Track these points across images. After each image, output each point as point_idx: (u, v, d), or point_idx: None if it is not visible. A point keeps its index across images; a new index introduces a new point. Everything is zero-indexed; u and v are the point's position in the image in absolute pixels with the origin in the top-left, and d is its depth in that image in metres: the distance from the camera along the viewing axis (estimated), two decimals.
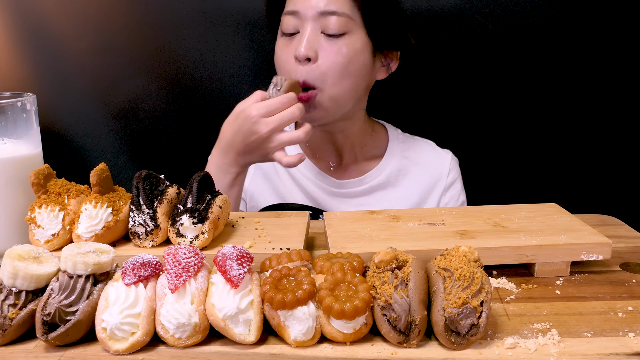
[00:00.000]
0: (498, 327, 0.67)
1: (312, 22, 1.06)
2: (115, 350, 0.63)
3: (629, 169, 1.39)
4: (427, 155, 1.25)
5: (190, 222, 0.78)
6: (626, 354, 0.61)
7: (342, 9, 1.05)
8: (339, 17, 1.05)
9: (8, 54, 1.37)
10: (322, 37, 1.06)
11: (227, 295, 0.63)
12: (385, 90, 1.28)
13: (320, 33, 1.06)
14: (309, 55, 1.05)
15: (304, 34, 1.06)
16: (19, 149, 0.87)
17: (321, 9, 1.05)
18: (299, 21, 1.07)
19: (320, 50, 1.06)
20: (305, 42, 1.05)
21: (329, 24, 1.05)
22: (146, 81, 1.39)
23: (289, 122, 0.98)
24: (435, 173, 1.23)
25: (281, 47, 1.11)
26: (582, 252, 0.80)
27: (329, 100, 1.08)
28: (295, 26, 1.08)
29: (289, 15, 1.08)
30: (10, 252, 0.67)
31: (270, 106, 0.98)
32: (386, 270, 0.66)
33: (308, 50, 1.04)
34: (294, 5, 1.07)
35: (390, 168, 1.22)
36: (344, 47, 1.06)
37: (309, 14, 1.06)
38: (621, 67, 1.33)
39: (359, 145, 1.23)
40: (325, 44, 1.06)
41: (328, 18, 1.05)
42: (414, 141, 1.27)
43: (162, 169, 0.96)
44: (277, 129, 0.98)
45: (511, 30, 1.32)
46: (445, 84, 1.37)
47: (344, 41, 1.06)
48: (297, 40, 1.07)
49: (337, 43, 1.06)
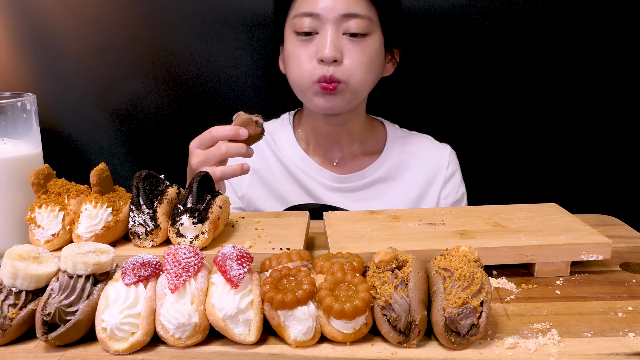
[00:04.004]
0: (498, 327, 0.67)
1: (333, 24, 1.06)
2: (115, 350, 0.63)
3: (629, 169, 1.39)
4: (426, 148, 1.27)
5: (190, 222, 0.78)
6: (626, 354, 0.61)
7: (363, 10, 1.07)
8: (361, 19, 1.07)
9: (8, 54, 1.37)
10: (345, 38, 1.08)
11: (227, 295, 0.63)
12: (385, 89, 1.28)
13: (342, 34, 1.07)
14: (336, 57, 1.06)
15: (326, 36, 1.06)
16: (19, 149, 0.87)
17: (343, 12, 1.06)
18: (318, 22, 1.07)
19: (345, 51, 1.07)
20: (330, 44, 1.06)
21: (350, 25, 1.07)
22: (146, 81, 1.39)
23: (214, 158, 0.96)
24: (434, 166, 1.24)
25: (297, 47, 1.11)
26: (582, 252, 0.80)
27: (350, 92, 1.11)
28: (313, 26, 1.08)
29: (305, 16, 1.08)
30: (10, 252, 0.67)
31: (203, 139, 0.97)
32: (386, 270, 0.66)
33: (335, 52, 1.06)
34: (312, 7, 1.07)
35: (390, 162, 1.23)
36: (367, 47, 1.09)
37: (330, 16, 1.06)
38: (621, 67, 1.33)
39: (359, 140, 1.24)
40: (349, 45, 1.08)
41: (350, 20, 1.06)
42: (412, 136, 1.29)
43: (162, 169, 0.96)
44: (204, 163, 0.97)
45: (511, 29, 1.32)
46: (446, 84, 1.37)
47: (367, 41, 1.09)
48: (317, 41, 1.08)
49: (360, 44, 1.08)
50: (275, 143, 1.24)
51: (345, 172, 1.23)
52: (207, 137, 0.97)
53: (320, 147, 1.24)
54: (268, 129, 1.27)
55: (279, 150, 1.24)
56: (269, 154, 1.24)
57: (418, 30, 1.33)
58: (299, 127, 1.27)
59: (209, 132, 0.97)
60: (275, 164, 1.23)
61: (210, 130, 0.97)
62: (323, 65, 1.07)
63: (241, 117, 1.00)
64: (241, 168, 0.97)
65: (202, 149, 0.98)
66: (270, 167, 1.23)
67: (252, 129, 0.99)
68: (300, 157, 1.23)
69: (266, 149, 1.24)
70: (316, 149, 1.25)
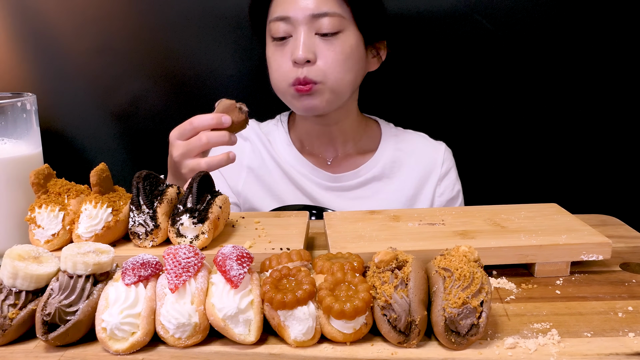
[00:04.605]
0: (498, 327, 0.67)
1: (305, 25, 1.07)
2: (115, 350, 0.63)
3: (629, 169, 1.39)
4: (420, 146, 1.26)
5: (190, 222, 0.78)
6: (626, 354, 0.61)
7: (333, 9, 1.07)
8: (331, 18, 1.06)
9: (8, 54, 1.37)
10: (317, 38, 1.08)
11: (227, 295, 0.63)
12: (381, 88, 1.29)
13: (314, 34, 1.07)
14: (308, 58, 1.06)
15: (299, 38, 1.06)
16: (19, 149, 0.87)
17: (313, 12, 1.06)
18: (291, 26, 1.08)
19: (318, 51, 1.07)
20: (302, 46, 1.06)
21: (322, 25, 1.06)
22: (146, 81, 1.39)
23: (195, 150, 0.93)
24: (429, 163, 1.24)
25: (274, 52, 1.12)
26: (582, 252, 0.80)
27: (329, 92, 1.10)
28: (287, 31, 1.08)
29: (278, 21, 1.09)
30: (10, 252, 0.66)
31: (181, 128, 0.94)
32: (386, 270, 0.66)
33: (307, 53, 1.06)
34: (283, 11, 1.08)
35: (385, 160, 1.23)
36: (340, 46, 1.08)
37: (301, 17, 1.06)
38: (621, 67, 1.33)
39: (353, 139, 1.24)
40: (322, 45, 1.07)
41: (320, 19, 1.06)
42: (406, 134, 1.29)
43: (162, 169, 0.96)
44: (186, 155, 0.93)
45: (510, 29, 1.32)
46: (445, 84, 1.37)
47: (340, 39, 1.08)
48: (291, 44, 1.08)
49: (333, 42, 1.07)
50: (271, 143, 1.25)
51: (340, 171, 1.23)
52: (188, 127, 0.93)
53: (313, 147, 1.25)
54: (264, 129, 1.27)
55: (274, 151, 1.24)
56: (265, 153, 1.24)
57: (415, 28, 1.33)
58: (293, 127, 1.27)
59: (190, 122, 0.94)
60: (271, 164, 1.23)
61: (191, 121, 0.94)
62: (297, 68, 1.07)
63: (224, 103, 0.95)
64: (227, 157, 0.94)
65: (182, 140, 0.94)
66: (267, 167, 1.24)
67: (235, 115, 0.94)
68: (294, 157, 1.23)
69: (262, 148, 1.24)
70: (310, 148, 1.25)
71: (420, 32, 1.33)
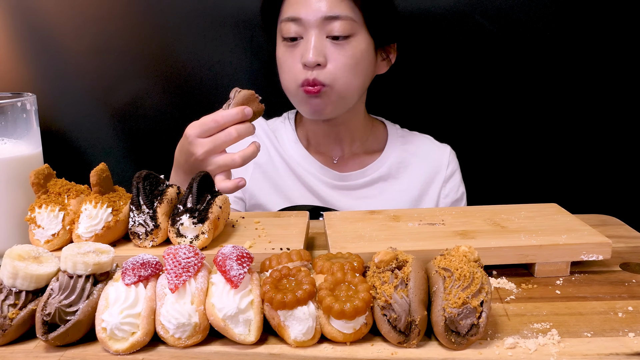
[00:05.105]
0: (498, 327, 0.67)
1: (316, 28, 1.06)
2: (115, 350, 0.63)
3: (629, 169, 1.39)
4: (426, 148, 1.27)
5: (190, 222, 0.78)
6: (626, 354, 0.61)
7: (345, 12, 1.06)
8: (343, 21, 1.06)
9: (8, 54, 1.37)
10: (328, 42, 1.07)
11: (227, 295, 0.63)
12: (386, 89, 1.28)
13: (325, 38, 1.07)
14: (319, 62, 1.06)
15: (310, 41, 1.06)
16: (19, 149, 0.87)
17: (325, 14, 1.06)
18: (302, 27, 1.07)
19: (329, 55, 1.07)
20: (312, 49, 1.05)
21: (333, 28, 1.06)
22: (146, 81, 1.39)
23: (224, 144, 0.90)
24: (434, 165, 1.25)
25: (284, 52, 1.11)
26: (582, 252, 0.80)
27: (337, 96, 1.10)
28: (298, 32, 1.08)
29: (289, 21, 1.08)
30: (10, 252, 0.66)
31: (205, 125, 0.91)
32: (386, 270, 0.66)
33: (317, 57, 1.05)
34: (294, 12, 1.07)
35: (391, 160, 1.24)
36: (351, 50, 1.08)
37: (313, 20, 1.06)
38: (621, 67, 1.33)
39: (360, 139, 1.25)
40: (333, 48, 1.07)
41: (332, 23, 1.06)
42: (412, 135, 1.29)
43: (162, 169, 0.96)
44: (213, 151, 0.91)
45: (511, 29, 1.32)
46: (446, 84, 1.37)
47: (351, 44, 1.08)
48: (302, 46, 1.08)
49: (344, 46, 1.07)
50: (278, 140, 1.25)
51: (346, 170, 1.23)
52: (212, 125, 0.90)
53: (320, 145, 1.25)
54: (271, 126, 1.27)
55: (281, 148, 1.24)
56: (272, 150, 1.24)
57: (418, 29, 1.33)
58: (300, 125, 1.27)
59: (214, 120, 0.90)
60: (278, 160, 1.24)
61: (214, 119, 0.90)
62: (307, 70, 1.07)
63: (243, 93, 0.92)
64: (256, 147, 0.93)
65: (205, 137, 0.92)
66: (274, 163, 1.24)
67: (254, 105, 0.93)
68: (301, 154, 1.23)
69: (269, 145, 1.24)
70: (317, 147, 1.25)
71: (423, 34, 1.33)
